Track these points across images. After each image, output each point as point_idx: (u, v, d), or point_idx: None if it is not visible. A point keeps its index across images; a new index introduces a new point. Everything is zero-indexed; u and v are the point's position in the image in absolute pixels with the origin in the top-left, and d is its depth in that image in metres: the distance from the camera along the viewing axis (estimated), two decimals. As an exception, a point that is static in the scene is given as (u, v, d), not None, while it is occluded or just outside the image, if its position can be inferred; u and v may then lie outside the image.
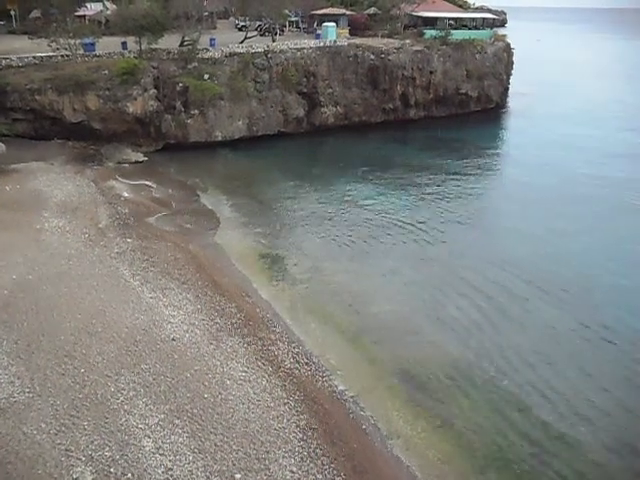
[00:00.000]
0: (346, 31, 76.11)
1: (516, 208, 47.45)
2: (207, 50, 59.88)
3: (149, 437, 20.72)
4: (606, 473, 21.36)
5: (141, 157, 54.06)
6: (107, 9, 72.53)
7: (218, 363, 25.23)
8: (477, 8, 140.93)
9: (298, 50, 64.96)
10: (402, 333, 29.46)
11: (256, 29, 73.59)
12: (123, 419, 21.42)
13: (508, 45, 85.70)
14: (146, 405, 22.20)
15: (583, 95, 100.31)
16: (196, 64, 57.81)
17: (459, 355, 27.79)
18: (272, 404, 23.11)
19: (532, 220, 44.30)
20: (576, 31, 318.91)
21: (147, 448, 20.27)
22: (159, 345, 25.96)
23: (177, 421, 21.54)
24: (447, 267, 36.70)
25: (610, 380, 26.36)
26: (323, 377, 25.64)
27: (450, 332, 29.68)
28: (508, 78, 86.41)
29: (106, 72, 54.11)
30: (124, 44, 58.60)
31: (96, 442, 20.29)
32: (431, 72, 73.92)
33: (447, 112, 77.76)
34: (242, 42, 63.94)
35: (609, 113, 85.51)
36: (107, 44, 58.77)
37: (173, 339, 26.52)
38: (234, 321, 28.78)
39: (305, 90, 65.57)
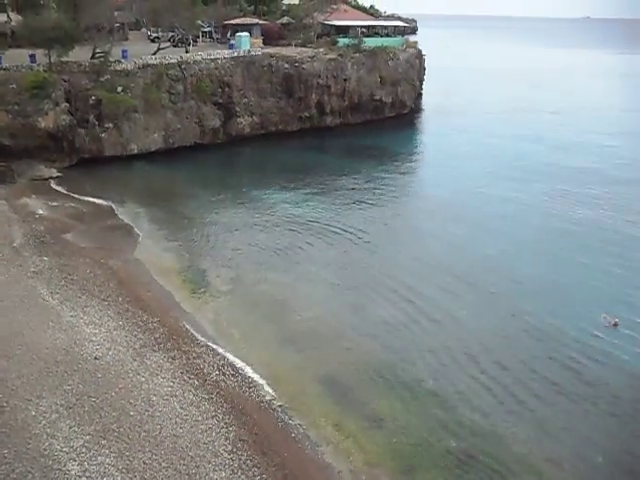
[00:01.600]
0: (260, 40, 76.23)
1: (434, 212, 48.50)
2: (120, 62, 58.90)
3: (74, 460, 20.25)
4: (530, 465, 22.02)
5: (55, 173, 52.69)
6: (11, 20, 70.28)
7: (143, 379, 24.89)
8: (388, 16, 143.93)
9: (212, 60, 64.71)
10: (327, 339, 29.71)
11: (169, 40, 72.94)
12: (46, 444, 20.88)
13: (419, 51, 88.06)
14: (70, 427, 21.69)
15: (489, 99, 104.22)
16: (109, 76, 56.82)
17: (384, 358, 28.21)
18: (200, 418, 22.95)
19: (449, 223, 45.35)
20: (486, 38, 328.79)
21: (73, 472, 19.81)
22: (81, 365, 25.42)
23: (103, 441, 21.13)
24: (369, 271, 37.20)
25: (532, 374, 27.20)
26: (250, 387, 25.61)
27: (374, 335, 30.09)
28: (421, 83, 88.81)
29: (14, 86, 52.61)
30: (32, 57, 56.96)
31: (18, 470, 19.69)
32: (345, 79, 74.88)
33: (362, 118, 78.83)
34: (155, 53, 63.18)
35: (512, 116, 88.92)
36: (14, 57, 57.04)
37: (96, 358, 26.01)
38: (157, 336, 28.46)
39: (220, 100, 65.34)
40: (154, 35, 77.98)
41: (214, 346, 28.47)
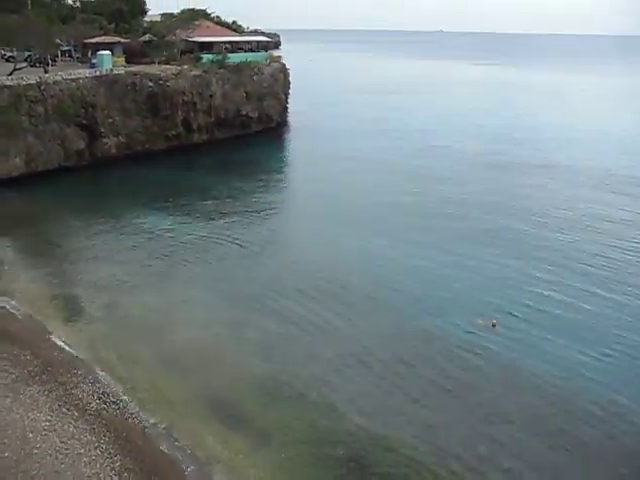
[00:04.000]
0: (122, 59, 74.82)
1: (308, 223, 49.50)
2: (-29, 85, 56.11)
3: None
4: (419, 464, 22.70)
5: None
6: None
7: (17, 416, 23.83)
8: (251, 31, 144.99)
9: (73, 80, 62.75)
10: (209, 357, 29.56)
11: (25, 60, 69.98)
12: None
13: (284, 66, 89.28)
14: (-61, 476, 20.46)
15: (352, 109, 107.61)
16: (-40, 99, 54.03)
17: (268, 372, 28.34)
18: (82, 450, 22.24)
19: (325, 234, 46.44)
20: (346, 51, 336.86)
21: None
22: (-53, 408, 24.03)
23: (-23, 487, 20.08)
24: (247, 287, 37.26)
25: (415, 376, 28.13)
26: (133, 413, 25.09)
27: (257, 350, 30.17)
28: (286, 97, 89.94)
29: None
30: None
31: None
32: (211, 96, 74.81)
33: (230, 134, 78.86)
34: (11, 74, 60.56)
35: (373, 126, 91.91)
36: None
37: (-37, 398, 24.68)
38: (31, 369, 27.34)
39: (84, 121, 63.47)
40: (9, 55, 74.79)
41: (92, 374, 27.69)
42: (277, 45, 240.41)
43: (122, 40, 79.48)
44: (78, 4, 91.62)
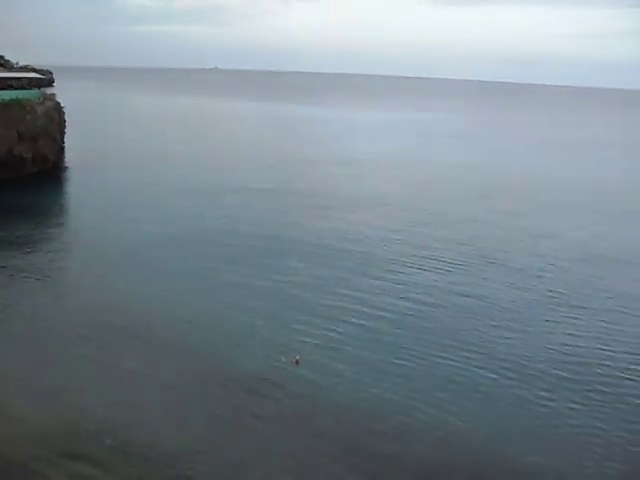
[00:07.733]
0: None
1: (89, 262, 48.14)
2: None
3: None
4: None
5: None
6: None
7: None
8: (22, 67, 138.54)
9: None
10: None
11: None
12: None
13: (58, 104, 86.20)
14: None
15: (135, 149, 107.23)
16: None
17: (56, 424, 26.60)
18: None
19: (108, 272, 45.70)
20: (128, 89, 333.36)
21: None
22: None
23: None
24: (30, 334, 35.28)
25: (213, 414, 28.01)
26: None
27: (43, 401, 28.38)
28: (62, 137, 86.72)
29: None
30: None
31: None
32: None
33: (2, 176, 73.93)
34: None
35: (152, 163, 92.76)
36: None
37: None
38: None
39: None
40: None
41: None
42: (50, 82, 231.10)
43: None
44: None
